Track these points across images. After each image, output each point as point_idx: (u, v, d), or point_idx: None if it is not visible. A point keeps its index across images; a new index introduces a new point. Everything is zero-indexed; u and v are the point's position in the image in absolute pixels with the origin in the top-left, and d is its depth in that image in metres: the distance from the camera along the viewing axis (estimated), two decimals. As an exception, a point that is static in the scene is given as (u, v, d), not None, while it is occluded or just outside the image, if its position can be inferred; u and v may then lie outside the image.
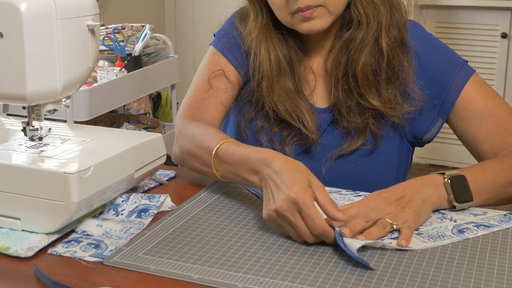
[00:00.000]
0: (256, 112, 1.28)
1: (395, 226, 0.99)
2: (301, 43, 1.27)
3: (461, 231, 1.02)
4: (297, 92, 1.25)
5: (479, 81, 1.24)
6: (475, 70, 1.25)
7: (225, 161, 1.09)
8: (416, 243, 0.98)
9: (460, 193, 1.06)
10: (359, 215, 0.99)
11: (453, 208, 1.08)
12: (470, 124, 1.22)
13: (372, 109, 1.22)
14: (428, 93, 1.23)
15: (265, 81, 1.24)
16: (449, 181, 1.07)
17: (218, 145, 1.10)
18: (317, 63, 1.29)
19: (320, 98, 1.29)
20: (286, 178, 0.96)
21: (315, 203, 0.96)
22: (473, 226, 1.04)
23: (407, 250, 0.95)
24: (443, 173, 1.08)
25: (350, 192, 1.17)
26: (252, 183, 1.05)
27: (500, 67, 3.42)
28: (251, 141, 1.29)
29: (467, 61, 1.25)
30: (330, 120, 1.26)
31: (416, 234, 1.01)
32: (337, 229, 0.94)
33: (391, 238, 0.99)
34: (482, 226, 1.04)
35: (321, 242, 0.97)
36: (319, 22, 1.19)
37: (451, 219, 1.06)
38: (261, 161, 1.02)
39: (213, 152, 1.10)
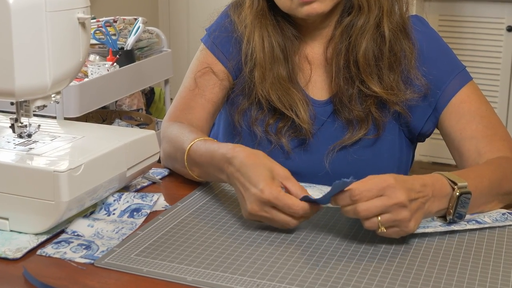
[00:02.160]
0: (249, 103, 1.28)
1: (382, 230, 0.93)
2: (297, 32, 1.27)
3: (449, 224, 1.00)
4: (291, 81, 1.25)
5: (476, 88, 1.25)
6: (472, 78, 1.25)
7: (196, 161, 1.13)
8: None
9: (459, 210, 1.00)
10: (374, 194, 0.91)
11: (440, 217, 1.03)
12: (459, 121, 1.21)
13: (374, 97, 1.22)
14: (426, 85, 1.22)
15: (257, 68, 1.24)
16: (457, 198, 0.99)
17: (189, 145, 1.14)
18: (313, 53, 1.29)
19: (319, 90, 1.28)
20: (249, 175, 0.98)
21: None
22: (463, 221, 1.02)
23: (409, 250, 0.94)
24: (454, 182, 1.00)
25: None
26: (223, 180, 1.08)
27: (505, 61, 3.34)
28: (246, 133, 1.29)
29: (466, 67, 1.26)
30: (331, 112, 1.26)
31: None
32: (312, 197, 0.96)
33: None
34: (473, 221, 1.02)
35: (320, 242, 0.96)
36: (319, 6, 1.18)
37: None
38: (223, 158, 1.05)
39: (185, 153, 1.14)
